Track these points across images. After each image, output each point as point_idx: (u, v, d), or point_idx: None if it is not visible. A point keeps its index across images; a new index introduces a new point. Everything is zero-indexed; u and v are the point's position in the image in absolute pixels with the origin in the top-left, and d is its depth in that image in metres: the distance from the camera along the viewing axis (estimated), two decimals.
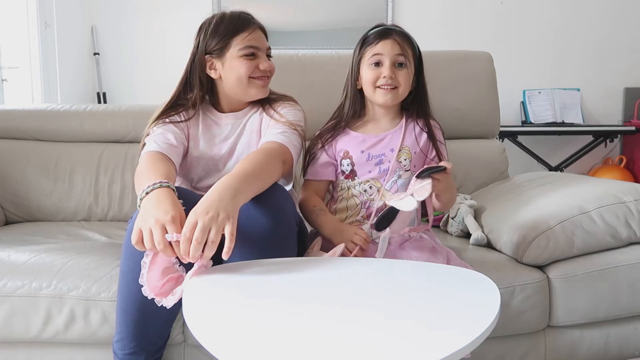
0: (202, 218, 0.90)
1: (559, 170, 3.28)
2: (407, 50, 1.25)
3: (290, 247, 1.11)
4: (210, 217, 0.90)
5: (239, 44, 1.26)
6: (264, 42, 1.32)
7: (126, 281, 1.08)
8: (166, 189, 1.00)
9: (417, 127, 1.31)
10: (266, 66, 1.29)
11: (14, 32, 2.80)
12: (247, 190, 1.01)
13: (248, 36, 1.27)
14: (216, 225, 0.90)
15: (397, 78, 1.24)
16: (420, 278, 0.96)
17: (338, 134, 1.32)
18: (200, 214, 0.91)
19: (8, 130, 1.81)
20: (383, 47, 1.24)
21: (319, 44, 3.31)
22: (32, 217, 1.75)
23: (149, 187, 0.99)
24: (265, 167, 1.10)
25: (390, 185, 1.27)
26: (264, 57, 1.30)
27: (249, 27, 1.28)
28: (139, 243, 0.92)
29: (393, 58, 1.24)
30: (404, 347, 0.66)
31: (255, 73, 1.29)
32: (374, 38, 1.26)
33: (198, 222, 0.89)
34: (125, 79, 3.44)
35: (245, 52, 1.27)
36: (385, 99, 1.26)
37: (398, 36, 1.25)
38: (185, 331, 1.18)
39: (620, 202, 1.28)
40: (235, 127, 1.35)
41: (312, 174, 1.34)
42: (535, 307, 1.22)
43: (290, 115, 1.32)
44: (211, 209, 0.92)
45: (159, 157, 1.19)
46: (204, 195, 0.96)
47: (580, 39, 3.46)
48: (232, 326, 0.73)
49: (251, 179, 1.04)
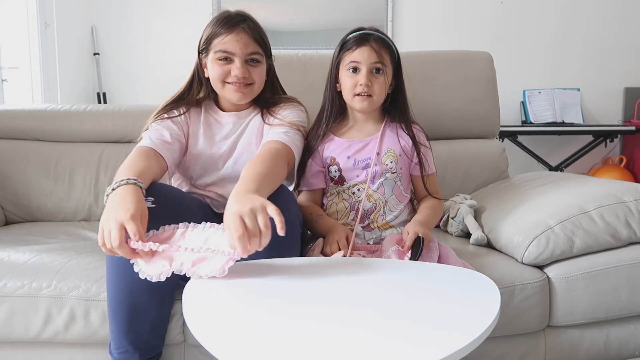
0: (243, 211, 0.88)
1: (559, 170, 3.28)
2: (385, 57, 1.26)
3: (294, 248, 1.11)
4: (249, 208, 0.89)
5: (215, 46, 1.25)
6: (245, 46, 1.25)
7: (110, 279, 1.09)
8: (132, 185, 0.99)
9: (400, 131, 1.33)
10: (237, 73, 1.25)
11: (14, 32, 2.80)
12: (263, 192, 1.01)
13: (224, 39, 1.24)
14: (260, 211, 0.89)
15: (372, 86, 1.26)
16: (420, 278, 0.96)
17: (324, 140, 1.34)
18: (238, 211, 0.89)
19: (8, 130, 1.81)
20: (360, 54, 1.25)
21: (319, 44, 3.31)
22: (32, 217, 1.75)
23: (116, 184, 1.00)
24: (275, 170, 1.11)
25: (377, 187, 1.30)
26: (239, 62, 1.25)
27: (228, 31, 1.24)
28: (104, 245, 0.92)
29: (370, 65, 1.25)
30: (404, 348, 0.66)
31: (228, 78, 1.27)
32: (352, 44, 1.27)
33: (243, 217, 0.88)
34: (125, 79, 3.44)
35: (218, 56, 1.25)
36: (362, 106, 1.29)
37: (375, 43, 1.25)
38: (185, 331, 1.18)
39: (620, 202, 1.29)
40: (236, 126, 1.35)
41: (306, 185, 1.36)
42: (535, 307, 1.22)
43: (292, 115, 1.32)
44: (245, 202, 0.91)
45: (146, 152, 1.20)
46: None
47: (580, 39, 3.46)
48: (232, 326, 0.73)
49: (265, 181, 1.04)
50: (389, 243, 1.20)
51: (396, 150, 1.31)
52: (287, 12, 3.42)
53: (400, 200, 1.32)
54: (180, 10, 3.36)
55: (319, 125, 1.37)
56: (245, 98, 1.30)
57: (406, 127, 1.33)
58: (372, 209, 1.29)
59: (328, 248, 1.18)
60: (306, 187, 1.36)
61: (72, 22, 3.23)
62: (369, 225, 1.30)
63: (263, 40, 1.30)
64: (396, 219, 1.30)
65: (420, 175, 1.33)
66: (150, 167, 1.14)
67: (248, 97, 1.31)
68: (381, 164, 1.30)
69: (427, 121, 1.46)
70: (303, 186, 1.36)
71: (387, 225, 1.30)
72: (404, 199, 1.33)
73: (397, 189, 1.32)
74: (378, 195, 1.29)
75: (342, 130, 1.36)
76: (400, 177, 1.32)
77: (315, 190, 1.36)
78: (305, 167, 1.35)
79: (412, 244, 1.15)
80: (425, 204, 1.33)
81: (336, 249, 1.17)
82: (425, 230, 1.18)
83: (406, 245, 1.15)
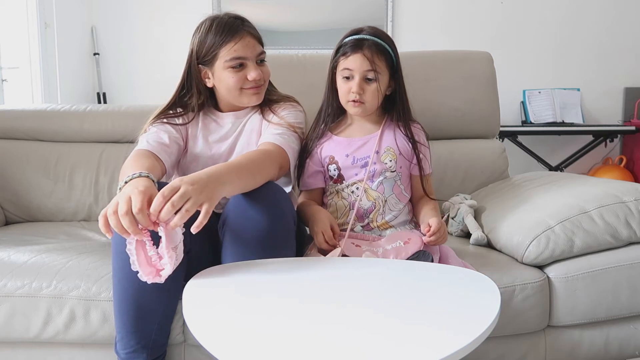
0: (186, 186, 0.91)
1: (559, 170, 3.28)
2: (378, 63, 1.25)
3: (288, 247, 1.11)
4: (193, 188, 0.92)
5: (225, 55, 1.23)
6: (254, 49, 1.26)
7: (118, 279, 1.08)
8: (146, 178, 0.99)
9: (399, 130, 1.33)
10: (255, 75, 1.25)
11: (14, 32, 2.80)
12: (236, 182, 1.02)
13: (234, 46, 1.23)
14: (195, 198, 0.91)
15: (365, 94, 1.26)
16: (420, 278, 0.96)
17: (322, 140, 1.35)
18: (185, 182, 0.92)
19: (8, 130, 1.81)
20: (353, 62, 1.25)
21: (319, 44, 3.31)
22: (32, 217, 1.75)
23: (129, 177, 0.99)
24: (258, 165, 1.11)
25: (376, 185, 1.29)
26: (252, 65, 1.25)
27: (235, 37, 1.23)
28: (115, 213, 0.90)
29: (362, 73, 1.25)
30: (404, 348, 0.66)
31: (245, 84, 1.26)
32: (346, 49, 1.26)
33: (181, 188, 0.91)
34: (125, 79, 3.44)
35: (232, 63, 1.23)
36: (355, 112, 1.31)
37: (369, 49, 1.24)
38: (185, 331, 1.18)
39: (620, 202, 1.29)
40: (235, 126, 1.35)
41: (304, 185, 1.37)
42: (535, 307, 1.22)
43: (290, 116, 1.32)
44: (197, 183, 0.93)
45: (146, 154, 1.20)
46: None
47: (581, 39, 3.46)
48: (232, 326, 0.73)
49: (242, 172, 1.05)
50: (389, 240, 1.20)
51: (395, 149, 1.31)
52: (287, 12, 3.42)
53: (400, 200, 1.32)
54: (180, 11, 3.36)
55: (317, 125, 1.37)
56: (261, 98, 1.31)
57: (405, 127, 1.33)
58: (372, 208, 1.29)
59: (316, 240, 1.19)
60: (304, 187, 1.37)
61: (72, 22, 3.23)
62: (369, 224, 1.30)
63: (260, 38, 1.30)
64: (396, 218, 1.30)
65: (418, 175, 1.34)
66: (155, 167, 1.15)
67: (262, 96, 1.32)
68: (380, 163, 1.30)
69: (427, 121, 1.46)
70: (302, 186, 1.37)
71: (387, 225, 1.30)
72: (404, 198, 1.33)
73: (397, 188, 1.32)
74: (377, 194, 1.29)
75: (340, 128, 1.37)
76: (400, 176, 1.32)
77: (314, 190, 1.36)
78: (303, 170, 1.36)
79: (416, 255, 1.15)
80: (428, 206, 1.33)
81: (322, 239, 1.17)
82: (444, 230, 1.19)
83: (432, 230, 1.15)
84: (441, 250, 1.21)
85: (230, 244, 1.06)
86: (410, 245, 1.16)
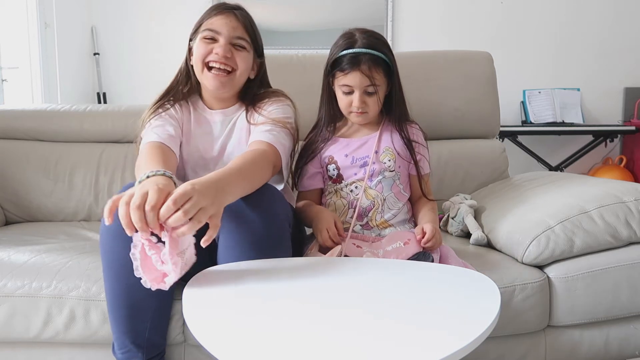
0: (198, 196, 0.87)
1: (559, 170, 3.28)
2: (377, 77, 1.26)
3: (284, 248, 1.09)
4: (205, 199, 0.88)
5: (204, 26, 1.25)
6: (233, 29, 1.24)
7: (108, 278, 1.08)
8: (168, 178, 0.96)
9: (397, 131, 1.33)
10: (220, 51, 1.22)
11: (14, 32, 2.80)
12: (238, 193, 1.01)
13: (213, 19, 1.24)
14: (206, 209, 0.87)
15: (366, 105, 1.28)
16: (420, 278, 0.96)
17: (323, 144, 1.35)
18: (197, 191, 0.87)
19: (8, 130, 1.81)
20: (352, 79, 1.26)
21: (319, 44, 3.31)
22: (32, 217, 1.75)
23: (152, 172, 0.95)
24: (256, 170, 1.10)
25: (375, 184, 1.30)
26: (223, 42, 1.23)
27: (218, 12, 1.25)
28: (127, 204, 0.86)
29: (362, 89, 1.27)
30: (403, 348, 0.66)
31: (210, 58, 1.24)
32: (345, 66, 1.26)
33: (193, 197, 0.86)
34: (125, 79, 3.44)
35: (205, 34, 1.24)
36: (358, 120, 1.33)
37: (366, 65, 1.24)
38: (185, 331, 1.18)
39: (620, 202, 1.29)
40: (224, 125, 1.33)
41: (302, 186, 1.38)
42: (535, 307, 1.22)
43: (278, 112, 1.29)
44: (208, 193, 0.89)
45: (160, 147, 1.19)
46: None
47: (581, 39, 3.46)
48: (232, 326, 0.73)
49: (242, 180, 1.03)
50: (389, 240, 1.20)
51: (393, 149, 1.32)
52: (287, 12, 3.42)
53: (399, 199, 1.32)
54: (180, 10, 3.36)
55: (318, 132, 1.38)
56: (223, 88, 1.26)
57: (402, 128, 1.33)
58: (370, 206, 1.29)
59: (320, 237, 1.18)
60: (303, 188, 1.38)
61: (72, 22, 3.23)
62: (368, 223, 1.30)
63: (253, 31, 1.29)
64: (395, 217, 1.31)
65: (416, 174, 1.34)
66: (171, 162, 1.14)
67: (227, 87, 1.27)
68: (379, 162, 1.31)
69: (427, 121, 1.46)
70: (300, 188, 1.38)
71: (386, 224, 1.30)
72: (402, 197, 1.33)
73: (395, 187, 1.32)
74: (376, 193, 1.30)
75: (340, 129, 1.38)
76: (399, 176, 1.33)
77: (312, 190, 1.37)
78: (302, 170, 1.36)
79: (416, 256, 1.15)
80: (426, 207, 1.33)
81: (326, 236, 1.17)
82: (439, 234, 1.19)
83: (426, 237, 1.15)
84: (441, 251, 1.21)
85: (225, 246, 1.05)
86: (410, 246, 1.16)
